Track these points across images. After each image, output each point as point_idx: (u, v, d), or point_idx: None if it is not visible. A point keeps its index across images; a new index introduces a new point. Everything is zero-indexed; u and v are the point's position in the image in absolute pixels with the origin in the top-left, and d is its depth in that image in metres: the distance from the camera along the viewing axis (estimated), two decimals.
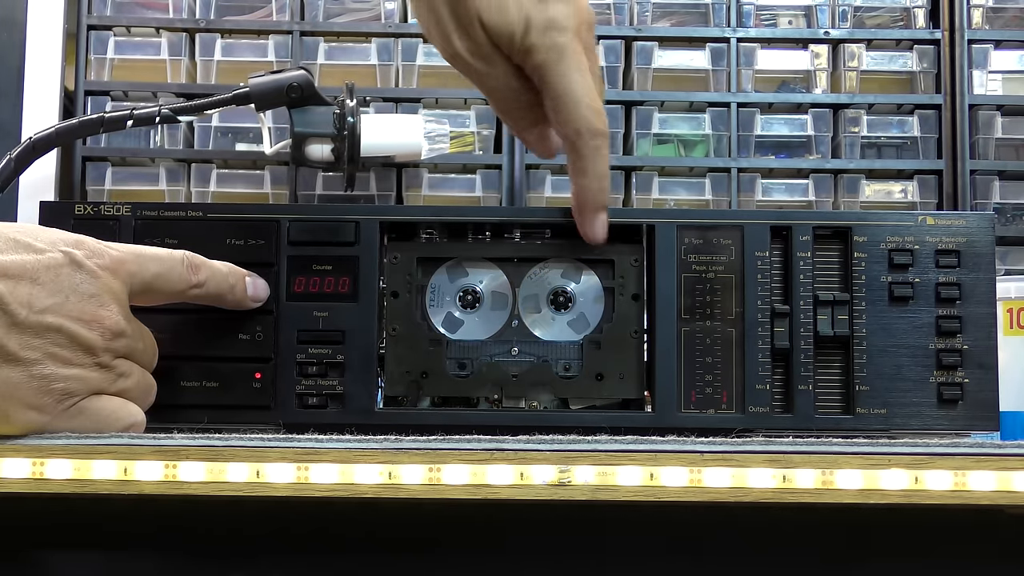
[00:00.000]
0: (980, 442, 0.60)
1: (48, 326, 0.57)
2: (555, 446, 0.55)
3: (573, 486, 0.54)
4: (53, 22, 1.08)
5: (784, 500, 0.54)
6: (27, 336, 0.56)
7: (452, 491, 0.54)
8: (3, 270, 0.56)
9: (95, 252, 0.60)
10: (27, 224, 0.61)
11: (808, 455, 0.54)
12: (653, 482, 0.54)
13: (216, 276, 0.66)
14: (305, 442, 0.55)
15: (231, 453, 0.55)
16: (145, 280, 0.62)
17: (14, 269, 0.57)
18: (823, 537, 0.61)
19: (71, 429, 0.58)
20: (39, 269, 0.58)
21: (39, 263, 0.58)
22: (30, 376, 0.56)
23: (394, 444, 0.55)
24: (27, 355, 0.56)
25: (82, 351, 0.58)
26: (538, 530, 0.61)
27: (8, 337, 0.56)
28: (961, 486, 0.54)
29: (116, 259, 0.61)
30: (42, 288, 0.57)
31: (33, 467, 0.55)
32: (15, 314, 0.56)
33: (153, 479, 0.54)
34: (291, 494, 0.54)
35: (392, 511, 0.60)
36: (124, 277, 0.61)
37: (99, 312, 0.59)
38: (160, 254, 0.63)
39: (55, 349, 0.57)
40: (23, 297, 0.57)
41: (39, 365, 0.57)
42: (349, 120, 0.99)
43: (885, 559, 0.60)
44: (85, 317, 0.58)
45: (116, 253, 0.61)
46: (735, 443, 0.56)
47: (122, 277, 0.61)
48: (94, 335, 0.59)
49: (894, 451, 0.54)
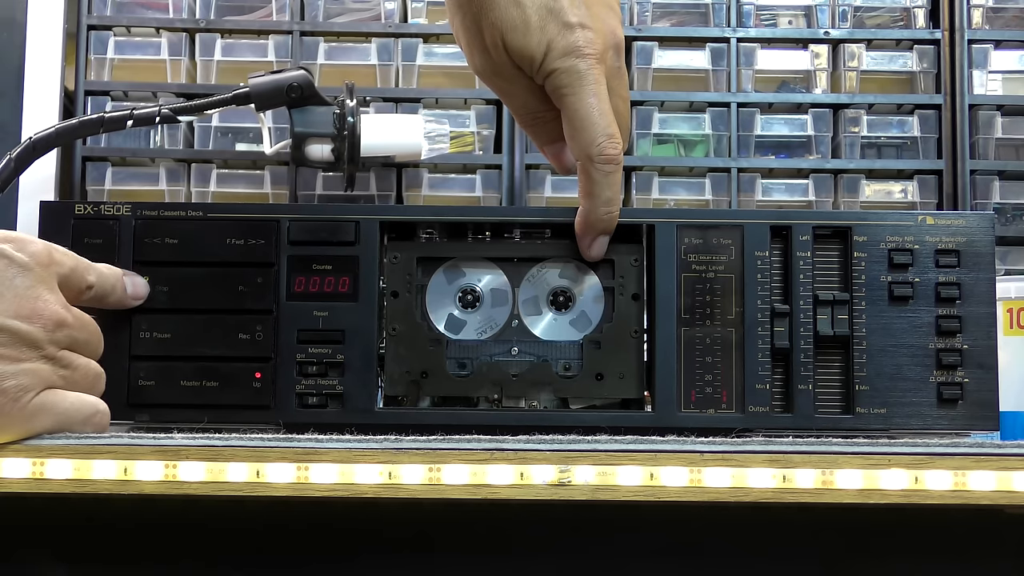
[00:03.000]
0: (980, 442, 0.60)
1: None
2: (555, 446, 0.55)
3: (573, 486, 0.54)
4: (53, 22, 1.08)
5: (784, 500, 0.54)
6: None
7: (452, 491, 0.54)
8: None
9: (23, 244, 0.60)
10: None
11: (808, 455, 0.54)
12: (653, 482, 0.54)
13: (101, 278, 0.66)
14: (305, 442, 0.55)
15: (231, 453, 0.55)
16: (62, 274, 0.62)
17: None
18: (823, 537, 0.60)
19: (35, 430, 0.57)
20: None
21: None
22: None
23: (394, 444, 0.55)
24: None
25: (26, 346, 0.57)
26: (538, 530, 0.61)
27: None
28: (961, 486, 0.54)
29: (43, 250, 0.60)
30: None
31: (33, 467, 0.55)
32: None
33: (153, 479, 0.54)
34: (291, 494, 0.54)
35: (392, 511, 0.60)
36: (53, 268, 0.61)
37: (37, 305, 0.58)
38: (71, 257, 0.63)
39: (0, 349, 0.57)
40: None
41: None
42: (349, 120, 0.99)
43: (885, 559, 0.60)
44: (24, 313, 0.58)
45: (41, 245, 0.61)
46: (735, 443, 0.56)
47: (52, 268, 0.60)
48: (36, 328, 0.58)
49: (894, 451, 0.54)
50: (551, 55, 0.69)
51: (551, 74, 0.69)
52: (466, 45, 0.73)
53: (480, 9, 0.70)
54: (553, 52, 0.69)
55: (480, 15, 0.70)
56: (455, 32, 0.74)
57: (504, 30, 0.69)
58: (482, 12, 0.70)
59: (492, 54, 0.71)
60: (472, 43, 0.72)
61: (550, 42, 0.69)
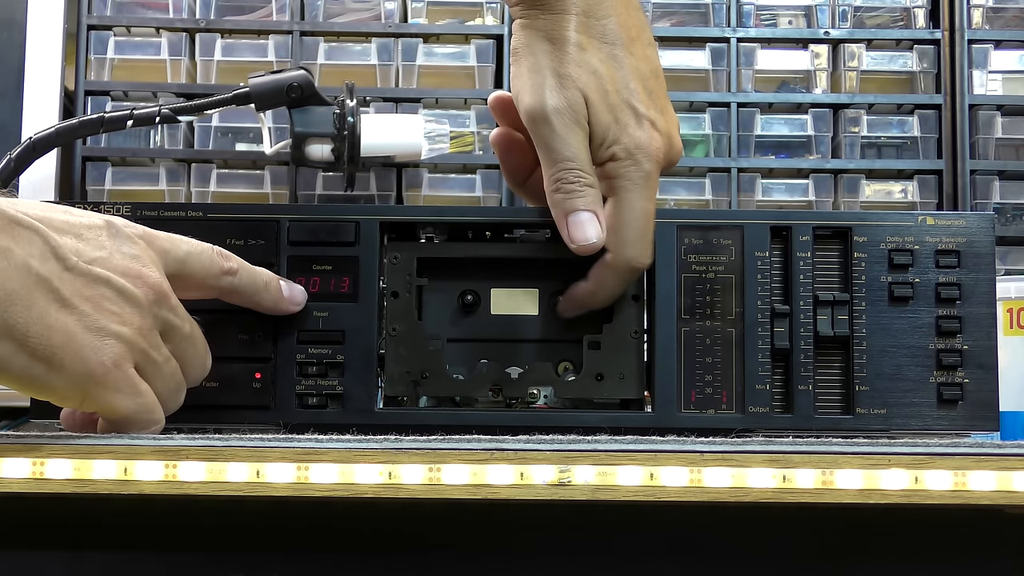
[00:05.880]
0: (980, 442, 0.60)
1: (97, 276, 0.58)
2: (555, 446, 0.55)
3: (573, 486, 0.54)
4: (53, 22, 1.08)
5: (784, 500, 0.54)
6: (79, 284, 0.57)
7: (452, 491, 0.54)
8: (48, 222, 0.57)
9: (130, 224, 0.62)
10: None
11: (808, 455, 0.54)
12: (653, 482, 0.54)
13: (247, 268, 0.66)
14: (305, 442, 0.55)
15: (231, 453, 0.55)
16: (178, 258, 0.63)
17: (58, 223, 0.58)
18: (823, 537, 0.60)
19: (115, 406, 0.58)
20: (81, 227, 0.59)
21: (81, 223, 0.59)
22: (85, 327, 0.56)
23: (394, 444, 0.55)
24: (80, 304, 0.56)
25: (129, 306, 0.58)
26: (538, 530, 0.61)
27: (62, 281, 0.56)
28: (961, 486, 0.54)
29: (149, 232, 0.62)
30: (87, 243, 0.59)
31: (33, 467, 0.55)
32: (66, 259, 0.56)
33: (153, 479, 0.54)
34: (291, 494, 0.54)
35: (392, 511, 0.60)
36: (158, 251, 0.62)
37: (142, 271, 0.60)
38: (190, 239, 0.64)
39: (105, 302, 0.57)
40: (71, 246, 0.57)
41: (92, 316, 0.57)
42: (349, 120, 0.99)
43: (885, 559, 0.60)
44: (130, 273, 0.59)
45: (147, 229, 0.62)
46: (735, 443, 0.56)
47: (156, 250, 0.62)
48: (140, 291, 0.59)
49: (894, 451, 0.54)
50: (620, 142, 0.68)
51: (614, 160, 0.68)
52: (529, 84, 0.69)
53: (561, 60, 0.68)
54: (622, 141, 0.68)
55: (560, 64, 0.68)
56: (516, 74, 0.70)
57: (587, 90, 0.67)
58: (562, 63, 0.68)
59: None
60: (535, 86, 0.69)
61: (624, 126, 0.68)
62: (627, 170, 0.67)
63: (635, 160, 0.67)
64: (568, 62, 0.68)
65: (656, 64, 0.71)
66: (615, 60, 0.68)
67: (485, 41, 1.11)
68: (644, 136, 0.68)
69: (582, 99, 0.67)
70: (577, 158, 0.67)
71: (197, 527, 0.61)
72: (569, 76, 0.67)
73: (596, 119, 0.67)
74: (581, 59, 0.68)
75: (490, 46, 1.11)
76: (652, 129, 0.68)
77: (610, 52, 0.68)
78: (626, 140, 0.67)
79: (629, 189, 0.67)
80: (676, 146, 0.70)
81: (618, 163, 0.67)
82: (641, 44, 0.70)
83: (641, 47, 0.70)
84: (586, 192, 0.67)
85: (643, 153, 0.67)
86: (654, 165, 0.68)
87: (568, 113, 0.67)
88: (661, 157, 0.68)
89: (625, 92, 0.68)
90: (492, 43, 1.11)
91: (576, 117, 0.67)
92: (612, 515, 0.59)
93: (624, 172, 0.67)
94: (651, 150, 0.67)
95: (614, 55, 0.68)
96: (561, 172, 0.67)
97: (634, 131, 0.68)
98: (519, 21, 0.69)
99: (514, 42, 0.70)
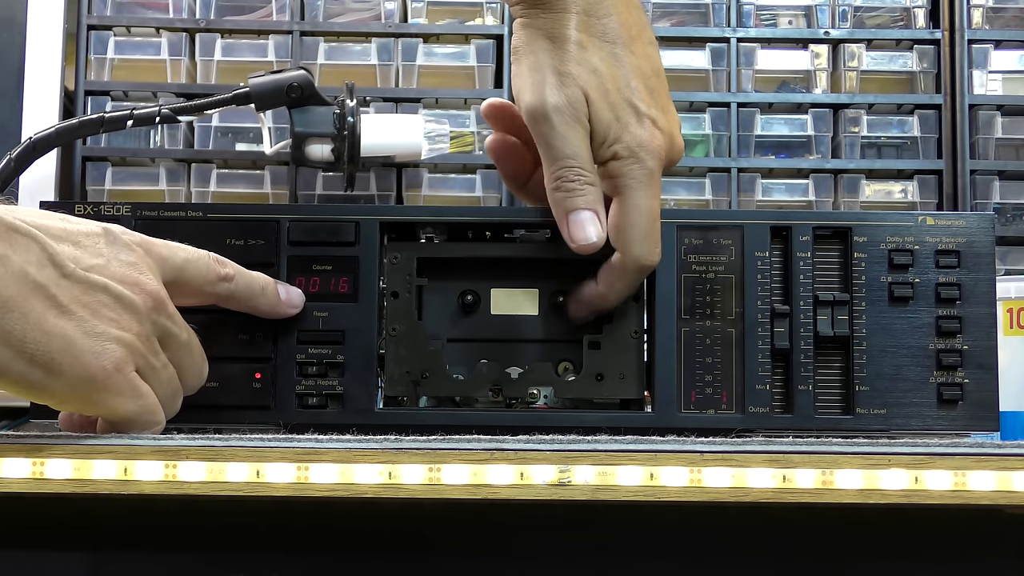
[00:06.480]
0: (980, 442, 0.60)
1: (95, 283, 0.58)
2: (555, 446, 0.55)
3: (573, 486, 0.54)
4: (53, 22, 1.08)
5: (784, 500, 0.54)
6: (76, 291, 0.57)
7: (452, 491, 0.54)
8: (46, 230, 0.57)
9: (127, 231, 0.62)
10: None
11: (808, 455, 0.54)
12: (653, 482, 0.54)
13: (244, 274, 0.66)
14: (305, 442, 0.55)
15: (231, 453, 0.55)
16: (175, 266, 0.63)
17: (56, 230, 0.58)
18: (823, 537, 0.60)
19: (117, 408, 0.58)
20: (79, 234, 0.59)
21: (79, 230, 0.60)
22: (84, 333, 0.57)
23: (394, 444, 0.55)
24: (78, 311, 0.57)
25: (128, 313, 0.59)
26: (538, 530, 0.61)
27: (59, 288, 0.56)
28: (961, 486, 0.54)
29: (147, 240, 0.62)
30: (85, 251, 0.59)
31: (33, 467, 0.55)
32: (64, 266, 0.57)
33: (153, 479, 0.54)
34: (291, 494, 0.54)
35: (392, 511, 0.60)
36: (156, 258, 0.62)
37: (140, 278, 0.60)
38: (186, 246, 0.65)
39: (103, 309, 0.58)
40: (69, 253, 0.58)
41: (90, 322, 0.57)
42: (349, 120, 0.99)
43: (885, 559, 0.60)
44: (128, 280, 0.59)
45: (145, 236, 0.63)
46: (735, 443, 0.56)
47: (154, 257, 0.62)
48: (138, 298, 0.59)
49: (894, 451, 0.54)
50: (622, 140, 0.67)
51: (616, 159, 0.67)
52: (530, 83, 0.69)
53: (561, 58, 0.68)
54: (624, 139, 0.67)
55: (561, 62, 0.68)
56: (517, 72, 0.70)
57: (587, 88, 0.67)
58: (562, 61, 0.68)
59: None
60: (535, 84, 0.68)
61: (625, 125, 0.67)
62: (630, 169, 0.67)
63: (638, 158, 0.67)
64: (568, 60, 0.67)
65: (657, 63, 0.71)
66: (616, 59, 0.68)
67: (485, 41, 1.11)
68: (646, 134, 0.67)
69: (583, 97, 0.67)
70: (578, 156, 0.67)
71: (197, 527, 0.61)
72: (570, 74, 0.67)
73: (597, 117, 0.67)
74: (582, 57, 0.68)
75: (490, 46, 1.11)
76: (654, 127, 0.68)
77: (611, 51, 0.68)
78: (628, 138, 0.67)
79: (633, 188, 0.67)
80: (678, 145, 0.70)
81: (621, 162, 0.67)
82: (642, 43, 0.70)
83: (642, 46, 0.70)
84: (587, 190, 0.67)
85: (645, 151, 0.67)
86: (657, 163, 0.68)
87: (568, 111, 0.67)
88: (663, 155, 0.68)
89: (626, 90, 0.68)
90: (492, 43, 1.11)
91: (577, 115, 0.67)
92: (612, 515, 0.59)
93: (627, 171, 0.67)
94: (653, 148, 0.67)
95: (615, 54, 0.68)
96: (562, 170, 0.67)
97: (636, 129, 0.67)
98: (519, 20, 0.69)
99: (514, 41, 0.70)
